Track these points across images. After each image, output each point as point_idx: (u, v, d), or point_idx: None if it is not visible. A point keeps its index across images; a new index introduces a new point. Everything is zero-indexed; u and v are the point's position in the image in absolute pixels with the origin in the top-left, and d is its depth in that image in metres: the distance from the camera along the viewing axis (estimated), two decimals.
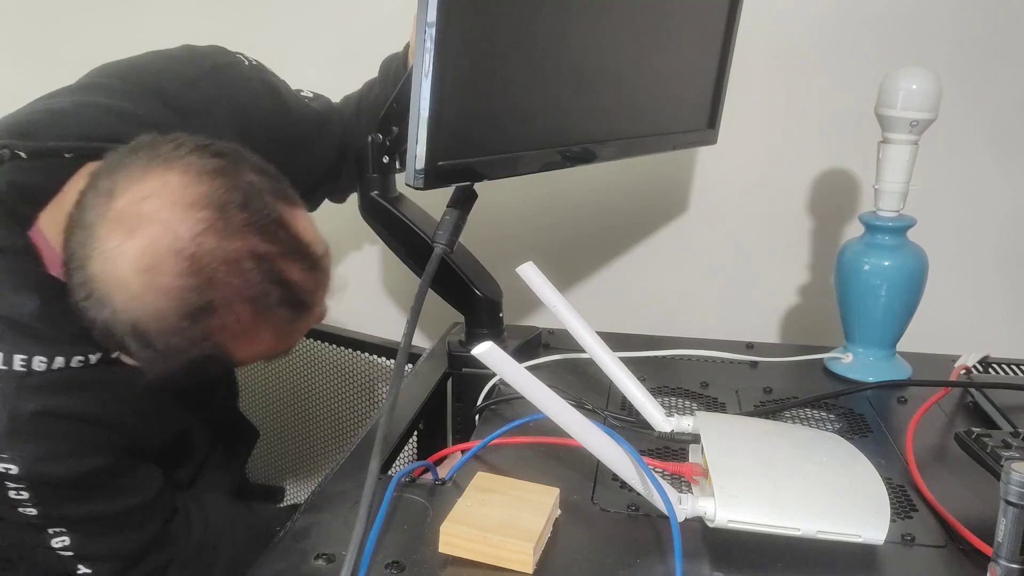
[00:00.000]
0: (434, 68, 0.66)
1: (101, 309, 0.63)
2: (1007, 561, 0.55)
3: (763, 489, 0.63)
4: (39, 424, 0.68)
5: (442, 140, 0.69)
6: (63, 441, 0.70)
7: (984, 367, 1.03)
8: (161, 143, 0.65)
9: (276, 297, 0.65)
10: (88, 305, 0.63)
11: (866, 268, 0.97)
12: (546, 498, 0.65)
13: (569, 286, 1.38)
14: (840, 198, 1.25)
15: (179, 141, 0.66)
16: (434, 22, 0.65)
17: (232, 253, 0.62)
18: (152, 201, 0.62)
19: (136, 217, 0.61)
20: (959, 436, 0.82)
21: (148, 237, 0.61)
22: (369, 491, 0.61)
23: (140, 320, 0.62)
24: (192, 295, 0.62)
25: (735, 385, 0.96)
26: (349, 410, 1.34)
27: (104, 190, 0.63)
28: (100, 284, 0.62)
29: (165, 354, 0.64)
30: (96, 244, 0.62)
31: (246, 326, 0.65)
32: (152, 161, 0.64)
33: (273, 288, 0.65)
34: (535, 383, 0.58)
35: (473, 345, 0.58)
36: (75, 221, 0.64)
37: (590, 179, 1.31)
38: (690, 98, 1.08)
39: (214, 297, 0.62)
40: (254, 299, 0.64)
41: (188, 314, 0.62)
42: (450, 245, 0.78)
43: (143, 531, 0.77)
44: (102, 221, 0.62)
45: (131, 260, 0.61)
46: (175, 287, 0.61)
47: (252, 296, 0.64)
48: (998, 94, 1.17)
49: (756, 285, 1.31)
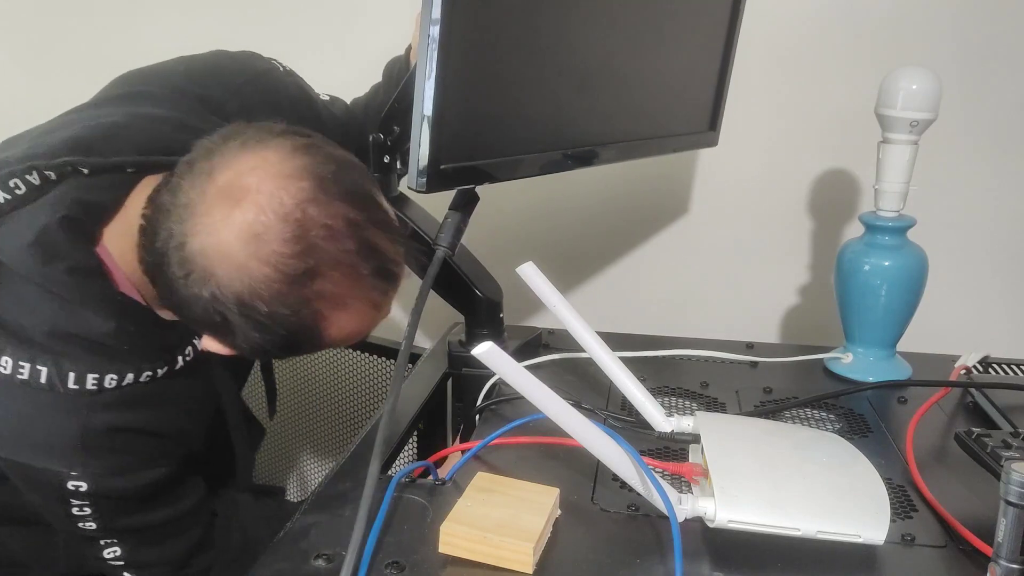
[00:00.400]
0: (437, 68, 0.66)
1: (204, 285, 0.63)
2: (1007, 561, 0.55)
3: (763, 489, 0.63)
4: (110, 441, 0.69)
5: (444, 143, 0.69)
6: (131, 455, 0.71)
7: (984, 367, 1.03)
8: (251, 128, 0.67)
9: (369, 265, 0.66)
10: (189, 283, 0.64)
11: (866, 268, 0.97)
12: (546, 498, 0.65)
13: (569, 286, 1.38)
14: (840, 198, 1.25)
15: (267, 126, 0.68)
16: (438, 19, 0.65)
17: (331, 220, 0.64)
18: (255, 174, 0.63)
19: (240, 189, 0.63)
20: (959, 436, 0.82)
21: (254, 206, 0.62)
22: (369, 492, 0.61)
23: (245, 290, 0.63)
24: (296, 261, 0.62)
25: (735, 385, 0.96)
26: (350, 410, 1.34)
27: (202, 171, 0.64)
28: (204, 258, 0.63)
29: (267, 326, 0.64)
30: (198, 219, 0.63)
31: (343, 293, 0.66)
32: (247, 142, 0.65)
33: (366, 255, 0.66)
34: (535, 383, 0.58)
35: (473, 345, 0.58)
36: (168, 205, 0.65)
37: (591, 180, 1.31)
38: (691, 100, 1.08)
39: (316, 262, 0.63)
40: (351, 265, 0.65)
41: (293, 279, 0.63)
42: (451, 248, 0.78)
43: (188, 537, 0.79)
44: (203, 198, 0.63)
45: (237, 230, 0.62)
46: (280, 253, 0.62)
47: (349, 262, 0.65)
48: (998, 94, 1.17)
49: (756, 285, 1.31)
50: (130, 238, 0.69)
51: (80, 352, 0.67)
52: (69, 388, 0.67)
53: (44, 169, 0.68)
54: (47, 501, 0.71)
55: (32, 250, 0.66)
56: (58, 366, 0.66)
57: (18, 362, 0.66)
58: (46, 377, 0.66)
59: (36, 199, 0.68)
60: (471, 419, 0.91)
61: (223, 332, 0.66)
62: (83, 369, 0.67)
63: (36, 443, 0.68)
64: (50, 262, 0.66)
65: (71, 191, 0.69)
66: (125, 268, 0.71)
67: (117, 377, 0.69)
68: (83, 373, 0.67)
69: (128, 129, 0.75)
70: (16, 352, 0.66)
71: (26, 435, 0.68)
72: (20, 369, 0.66)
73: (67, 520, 0.71)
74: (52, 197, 0.68)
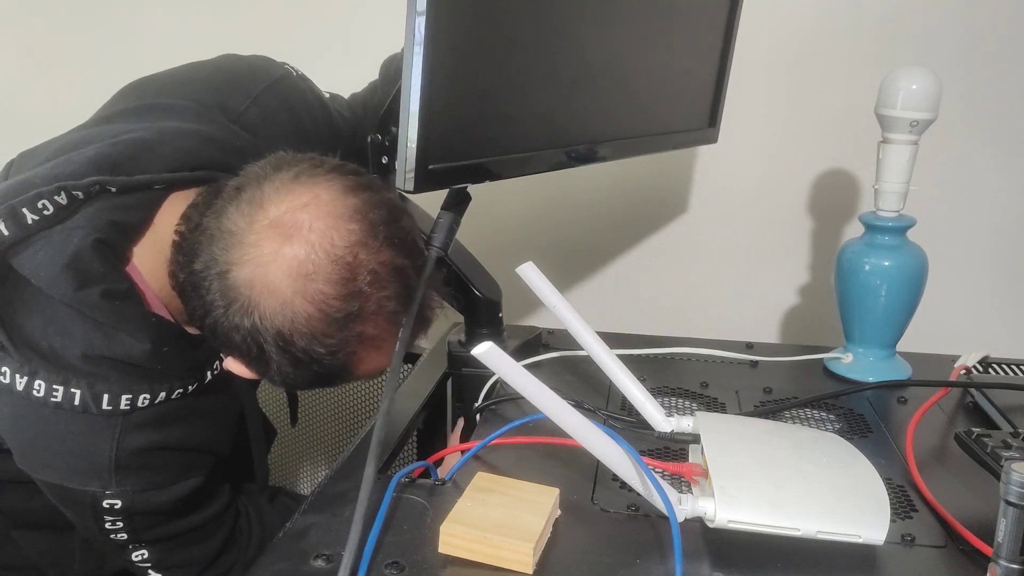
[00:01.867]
0: (423, 65, 0.65)
1: (246, 316, 0.63)
2: (1007, 561, 0.55)
3: (763, 489, 0.63)
4: (143, 459, 0.70)
5: (433, 142, 0.69)
6: (163, 471, 0.72)
7: (984, 367, 1.03)
8: (301, 160, 0.67)
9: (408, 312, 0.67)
10: (230, 313, 0.63)
11: (866, 268, 0.97)
12: (546, 498, 0.65)
13: (569, 286, 1.38)
14: (840, 198, 1.25)
15: (318, 160, 0.68)
16: (423, 11, 0.64)
17: (379, 267, 0.64)
18: (309, 210, 0.63)
19: (293, 226, 0.62)
20: (959, 436, 0.82)
21: (305, 244, 0.62)
22: (365, 495, 0.61)
23: (287, 325, 0.63)
24: (342, 303, 0.63)
25: (735, 385, 0.96)
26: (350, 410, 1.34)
27: (252, 200, 0.64)
28: (249, 289, 0.63)
29: (302, 362, 0.65)
30: (246, 250, 0.63)
31: (380, 336, 0.66)
32: (299, 176, 0.65)
33: (407, 301, 0.67)
34: (535, 383, 0.58)
35: (473, 345, 0.58)
36: (212, 229, 0.65)
37: (590, 178, 1.31)
38: (690, 96, 1.07)
39: (360, 306, 0.64)
40: (393, 311, 0.66)
41: (336, 321, 0.63)
42: (444, 248, 0.78)
43: (216, 538, 0.79)
44: (252, 228, 0.63)
45: (286, 266, 0.62)
46: (327, 294, 0.62)
47: (392, 308, 0.65)
48: (998, 94, 1.17)
49: (756, 285, 1.31)
50: (160, 255, 0.69)
51: (114, 374, 0.67)
52: (103, 409, 0.67)
53: (72, 190, 0.67)
54: (81, 517, 0.72)
55: (65, 274, 0.65)
56: (92, 388, 0.66)
57: (52, 385, 0.66)
58: (80, 400, 0.66)
59: (65, 219, 0.67)
60: (471, 419, 0.91)
61: (256, 362, 0.66)
62: (117, 391, 0.67)
63: (70, 465, 0.69)
64: (85, 286, 0.66)
65: (101, 212, 0.68)
66: (154, 285, 0.71)
67: (150, 397, 0.69)
68: (117, 395, 0.67)
69: (154, 145, 0.74)
70: (49, 375, 0.66)
71: (59, 457, 0.69)
72: (54, 392, 0.66)
73: (99, 533, 0.72)
74: (82, 219, 0.67)
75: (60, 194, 0.67)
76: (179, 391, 0.71)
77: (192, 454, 0.74)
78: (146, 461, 0.70)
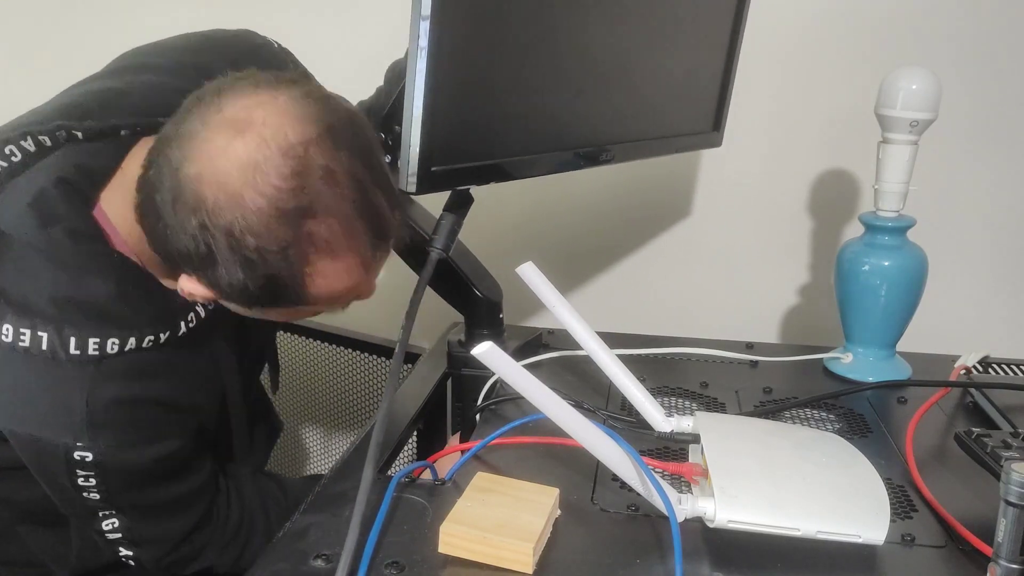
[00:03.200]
0: (427, 67, 0.66)
1: (194, 213, 0.62)
2: (1007, 561, 0.55)
3: (763, 489, 0.63)
4: (117, 412, 0.69)
5: (436, 144, 0.69)
6: (140, 428, 0.71)
7: (984, 367, 1.03)
8: (267, 72, 0.67)
9: (364, 221, 0.65)
10: (178, 208, 0.62)
11: (866, 268, 0.97)
12: (546, 498, 0.65)
13: (569, 286, 1.38)
14: (840, 198, 1.25)
15: (280, 74, 0.67)
16: (428, 16, 0.64)
17: (336, 164, 0.63)
18: (265, 108, 0.62)
19: (245, 121, 0.62)
20: (959, 436, 0.82)
21: (257, 138, 0.61)
22: (363, 497, 0.61)
23: (236, 220, 0.61)
24: (292, 197, 0.61)
25: (735, 385, 0.96)
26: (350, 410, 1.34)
27: (211, 104, 0.63)
28: (197, 184, 0.61)
29: (253, 262, 0.63)
30: (197, 146, 0.62)
31: (333, 241, 0.64)
32: (260, 84, 0.65)
33: (364, 209, 0.65)
34: (535, 383, 0.58)
35: (473, 345, 0.58)
36: (170, 135, 0.64)
37: (591, 179, 1.31)
38: (695, 100, 1.07)
39: (312, 202, 0.62)
40: (347, 215, 0.64)
41: (285, 214, 0.61)
42: (446, 249, 0.78)
43: (191, 514, 0.78)
44: (207, 126, 0.62)
45: (236, 158, 0.61)
46: (277, 187, 0.61)
47: (346, 211, 0.64)
48: (998, 94, 1.17)
49: (756, 285, 1.31)
50: (128, 201, 0.68)
51: (80, 317, 0.67)
52: (71, 355, 0.66)
53: (39, 135, 0.68)
54: (55, 476, 0.70)
55: (29, 213, 0.66)
56: (59, 332, 0.66)
57: (19, 330, 0.66)
58: (47, 343, 0.66)
59: (33, 164, 0.68)
60: (471, 419, 0.91)
61: (206, 266, 0.64)
62: (84, 334, 0.67)
63: (41, 415, 0.68)
64: (48, 224, 0.66)
65: (67, 156, 0.69)
66: (122, 230, 0.70)
67: (119, 342, 0.68)
68: (84, 338, 0.67)
69: (124, 94, 0.74)
70: (17, 320, 0.66)
71: (31, 407, 0.68)
72: (21, 336, 0.66)
73: (73, 491, 0.71)
74: (48, 162, 0.68)
75: (27, 139, 0.68)
76: (150, 339, 0.70)
77: (168, 413, 0.73)
78: (120, 415, 0.69)
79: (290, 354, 1.36)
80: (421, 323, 0.76)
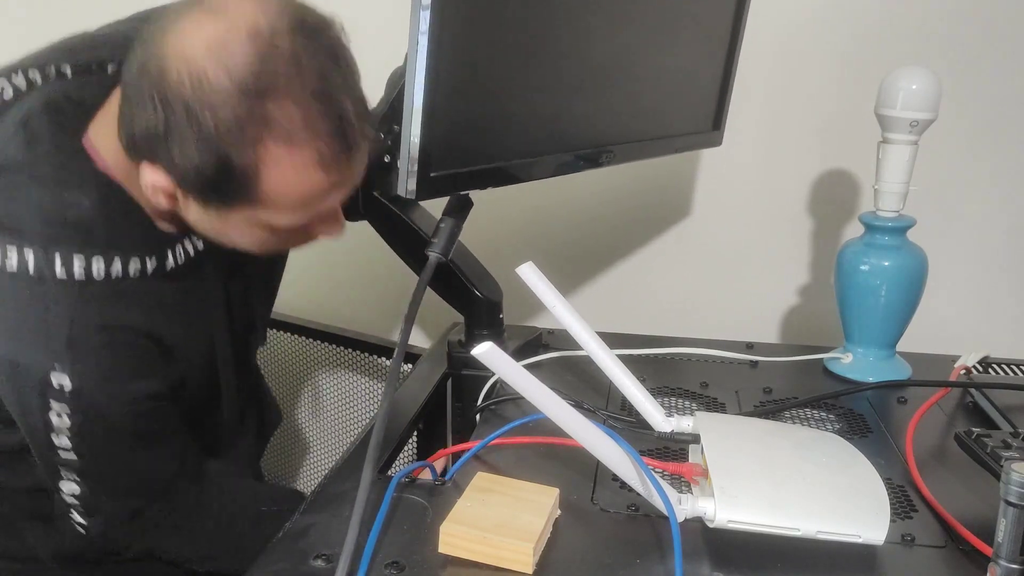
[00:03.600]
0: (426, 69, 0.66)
1: (154, 87, 0.63)
2: (1007, 561, 0.55)
3: (763, 489, 0.63)
4: (100, 336, 0.69)
5: (435, 149, 0.69)
6: (120, 358, 0.70)
7: (984, 367, 1.03)
8: None
9: (327, 119, 0.65)
10: (141, 78, 0.63)
11: (866, 268, 0.97)
12: (546, 498, 0.65)
13: (569, 286, 1.38)
14: (840, 198, 1.25)
15: None
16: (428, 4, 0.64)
17: (303, 54, 0.63)
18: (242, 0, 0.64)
19: (221, 7, 0.63)
20: (959, 436, 0.82)
21: (228, 21, 0.62)
22: (363, 498, 0.61)
23: (195, 94, 0.62)
24: (253, 76, 0.62)
25: (735, 385, 0.96)
26: (349, 410, 1.34)
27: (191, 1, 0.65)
28: (162, 58, 0.62)
29: (208, 138, 0.63)
30: (171, 27, 0.63)
31: (291, 129, 0.64)
32: None
33: (327, 106, 0.65)
34: (535, 383, 0.58)
35: (473, 346, 0.58)
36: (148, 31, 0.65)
37: (590, 179, 1.30)
38: (695, 100, 1.07)
39: (273, 84, 0.62)
40: (308, 105, 0.64)
41: (245, 91, 0.62)
42: (445, 254, 0.78)
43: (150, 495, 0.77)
44: (182, 13, 0.64)
45: (205, 36, 0.62)
46: (240, 64, 0.62)
47: (307, 101, 0.64)
48: (997, 94, 1.17)
49: (756, 285, 1.31)
50: (115, 132, 0.69)
51: (66, 234, 0.68)
52: (56, 276, 0.67)
53: (29, 71, 0.70)
54: (27, 403, 0.69)
55: (18, 133, 0.68)
56: (45, 252, 0.67)
57: (6, 247, 0.67)
58: (33, 263, 0.67)
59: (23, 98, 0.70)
60: (471, 419, 0.91)
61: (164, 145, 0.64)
62: (68, 251, 0.67)
63: (23, 334, 0.68)
64: (35, 143, 0.68)
65: (56, 88, 0.71)
66: (108, 159, 0.71)
67: (104, 262, 0.68)
68: (69, 256, 0.67)
69: (114, 34, 0.77)
70: (3, 240, 0.67)
71: (13, 326, 0.68)
72: (8, 257, 0.66)
73: (43, 430, 0.70)
74: (37, 93, 0.70)
75: (18, 74, 0.70)
76: (137, 266, 0.70)
77: (150, 349, 0.72)
78: (101, 340, 0.69)
79: (290, 354, 1.36)
80: (421, 323, 0.76)
